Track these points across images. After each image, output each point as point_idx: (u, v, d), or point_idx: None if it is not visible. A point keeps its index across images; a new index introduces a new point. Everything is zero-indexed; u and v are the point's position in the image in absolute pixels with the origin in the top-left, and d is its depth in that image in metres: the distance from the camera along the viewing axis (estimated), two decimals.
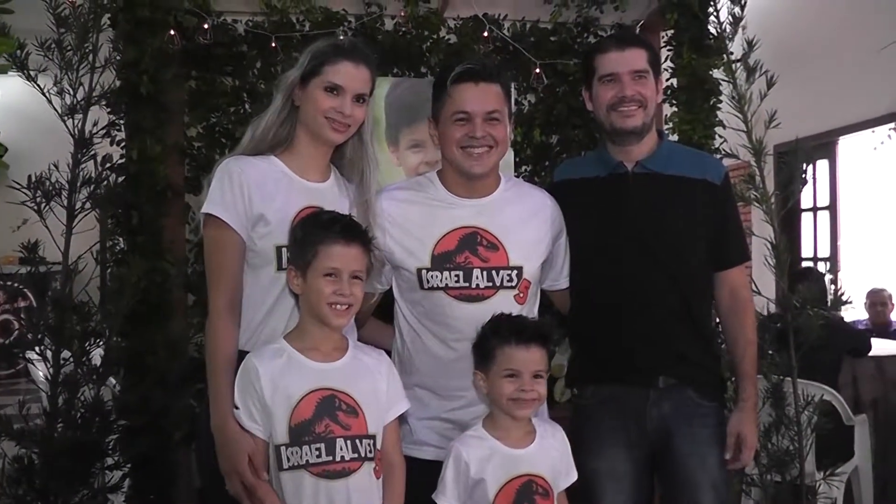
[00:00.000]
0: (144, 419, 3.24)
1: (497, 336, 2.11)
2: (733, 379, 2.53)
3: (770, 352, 3.18)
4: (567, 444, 2.23)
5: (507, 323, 2.14)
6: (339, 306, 2.00)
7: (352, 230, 2.04)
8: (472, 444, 2.11)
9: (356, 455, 1.98)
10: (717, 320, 2.62)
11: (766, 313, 3.17)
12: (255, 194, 2.12)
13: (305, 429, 1.96)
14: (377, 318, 2.48)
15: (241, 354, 2.08)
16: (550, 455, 2.16)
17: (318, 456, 1.95)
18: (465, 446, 2.10)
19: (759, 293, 2.93)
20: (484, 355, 2.13)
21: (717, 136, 3.91)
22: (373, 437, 2.02)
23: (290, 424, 1.96)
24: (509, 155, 3.57)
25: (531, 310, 2.35)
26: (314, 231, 2.02)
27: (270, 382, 1.97)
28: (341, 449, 1.97)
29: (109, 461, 3.05)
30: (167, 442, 3.36)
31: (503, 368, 2.09)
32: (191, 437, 3.30)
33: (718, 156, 3.52)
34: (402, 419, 2.17)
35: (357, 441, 1.99)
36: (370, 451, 2.01)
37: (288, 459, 1.96)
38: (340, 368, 2.03)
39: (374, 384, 2.07)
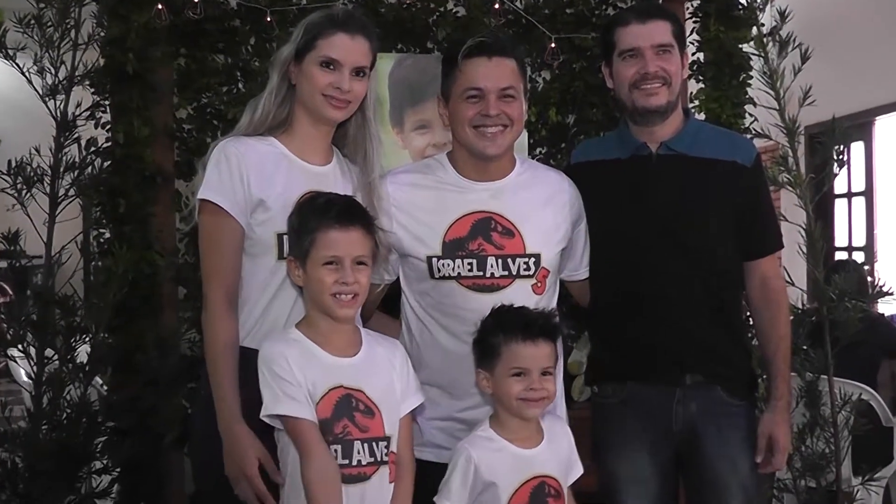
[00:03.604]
0: (133, 420, 3.26)
1: (501, 331, 2.10)
2: (765, 376, 2.53)
3: (804, 347, 3.19)
4: (571, 437, 2.24)
5: (510, 316, 2.13)
6: (343, 296, 1.99)
7: (350, 212, 2.03)
8: (481, 445, 2.11)
9: (373, 459, 1.99)
10: (748, 313, 2.62)
11: (800, 306, 3.17)
12: (255, 178, 2.12)
13: (324, 429, 1.95)
14: (382, 311, 2.48)
15: (242, 352, 2.09)
16: (560, 453, 2.18)
17: (335, 459, 1.95)
18: (475, 447, 2.10)
19: (793, 283, 2.93)
20: (487, 352, 2.12)
21: (747, 115, 3.90)
22: (388, 439, 2.03)
23: None
24: (523, 137, 3.56)
25: (550, 301, 2.34)
26: (309, 217, 2.01)
27: (301, 371, 1.96)
28: (358, 452, 1.97)
29: (97, 465, 3.07)
30: (158, 445, 3.37)
31: (509, 367, 2.08)
32: (183, 440, 3.31)
33: (749, 136, 3.51)
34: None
35: (374, 444, 1.99)
36: (385, 454, 2.02)
37: None
38: (356, 365, 2.04)
39: (389, 379, 2.08)
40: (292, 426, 1.95)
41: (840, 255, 6.92)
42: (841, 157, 3.23)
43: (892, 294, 3.37)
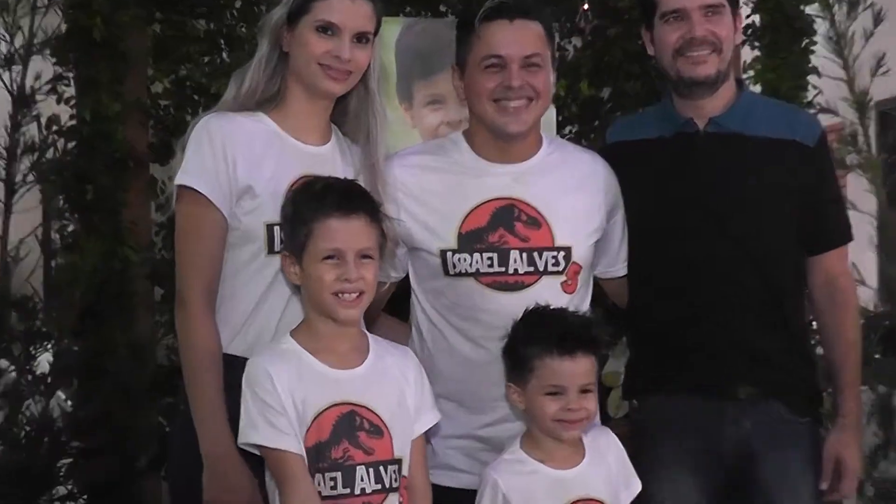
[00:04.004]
0: (103, 440, 3.27)
1: (534, 342, 2.10)
2: (830, 390, 2.53)
3: (876, 356, 3.19)
4: (620, 449, 2.24)
5: (545, 323, 2.13)
6: (346, 295, 1.98)
7: (352, 198, 2.03)
8: (509, 469, 2.11)
9: (379, 486, 1.98)
10: (811, 317, 2.62)
11: (871, 308, 3.18)
12: (241, 160, 2.13)
13: (320, 453, 1.95)
14: (389, 314, 2.49)
15: (225, 360, 2.10)
16: (606, 470, 2.17)
17: (334, 487, 1.95)
18: (502, 474, 2.10)
19: (863, 282, 2.93)
20: (518, 365, 2.13)
21: (809, 87, 3.89)
22: (398, 462, 2.02)
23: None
24: (550, 113, 3.55)
25: (582, 302, 2.35)
26: (306, 205, 2.01)
27: (289, 393, 1.95)
28: (362, 479, 1.97)
29: (60, 491, 3.09)
30: (131, 468, 3.39)
31: (544, 384, 2.08)
32: (160, 462, 3.33)
33: (812, 111, 3.51)
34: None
35: (381, 468, 1.99)
36: (395, 480, 2.01)
37: None
38: (361, 377, 2.03)
39: (400, 393, 2.08)
40: (272, 457, 1.95)
41: None
42: None
43: None
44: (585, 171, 2.41)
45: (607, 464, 2.18)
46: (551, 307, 2.18)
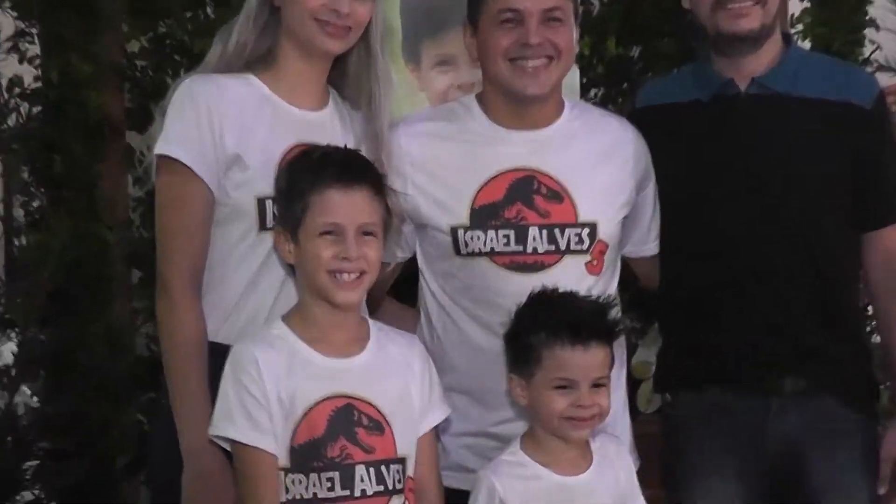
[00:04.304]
0: (75, 440, 3.28)
1: (541, 329, 2.09)
2: (889, 383, 2.54)
3: None
4: (630, 464, 2.24)
5: (554, 307, 2.13)
6: (345, 275, 1.99)
7: (353, 168, 2.05)
8: (507, 472, 2.11)
9: (381, 488, 2.00)
10: (867, 301, 2.62)
11: None
12: (229, 127, 2.14)
13: (314, 451, 1.96)
14: (394, 298, 2.51)
15: (213, 349, 2.11)
16: (614, 481, 2.17)
17: (331, 489, 1.96)
18: (500, 475, 2.10)
19: None
20: (522, 354, 2.12)
21: (866, 43, 3.88)
22: (402, 461, 2.04)
23: (292, 443, 1.97)
24: (574, 74, 3.55)
25: (608, 284, 2.36)
26: (302, 176, 2.02)
27: (274, 381, 1.97)
28: (362, 480, 1.98)
29: (27, 496, 3.10)
30: (106, 471, 3.40)
31: (552, 377, 2.07)
32: (139, 464, 3.34)
33: (869, 69, 3.49)
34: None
35: (383, 468, 2.00)
36: (399, 481, 2.02)
37: (287, 491, 1.97)
38: (361, 367, 2.05)
39: (404, 385, 2.09)
40: (243, 453, 1.97)
41: None
42: None
43: None
44: (613, 138, 2.41)
45: (615, 476, 2.18)
46: (560, 290, 2.17)
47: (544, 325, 2.09)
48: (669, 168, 2.45)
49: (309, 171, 2.03)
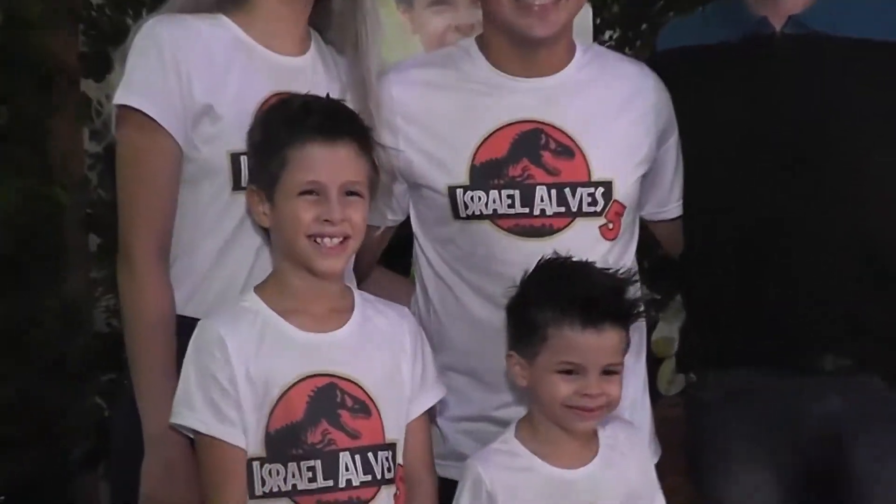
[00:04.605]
0: (25, 427, 3.28)
1: (548, 305, 2.09)
2: None
3: None
4: (646, 452, 2.25)
5: (564, 282, 2.12)
6: (326, 240, 2.00)
7: (337, 120, 2.05)
8: (497, 462, 2.11)
9: (369, 477, 2.01)
10: None
11: None
12: (198, 75, 2.13)
13: (293, 437, 1.97)
14: (385, 267, 2.51)
15: (181, 323, 2.12)
16: (623, 475, 2.17)
17: (313, 479, 1.97)
18: (488, 465, 2.10)
19: None
20: (525, 331, 2.12)
21: None
22: (392, 447, 2.05)
23: (267, 429, 1.98)
24: (586, 14, 3.54)
25: (625, 251, 2.36)
26: (279, 128, 2.03)
27: (243, 361, 1.98)
28: (347, 469, 1.99)
29: None
30: (61, 462, 3.40)
31: (558, 360, 2.07)
32: (98, 455, 3.35)
33: None
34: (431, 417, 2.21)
35: (370, 455, 2.01)
36: (389, 469, 2.04)
37: (264, 483, 1.98)
38: (344, 341, 2.06)
39: (393, 362, 2.09)
40: (206, 445, 1.98)
41: None
42: None
43: None
44: (630, 86, 2.41)
45: (626, 468, 2.18)
46: (573, 259, 2.17)
47: (552, 300, 2.08)
48: (695, 119, 2.45)
49: (287, 122, 2.03)
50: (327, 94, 2.14)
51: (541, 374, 2.09)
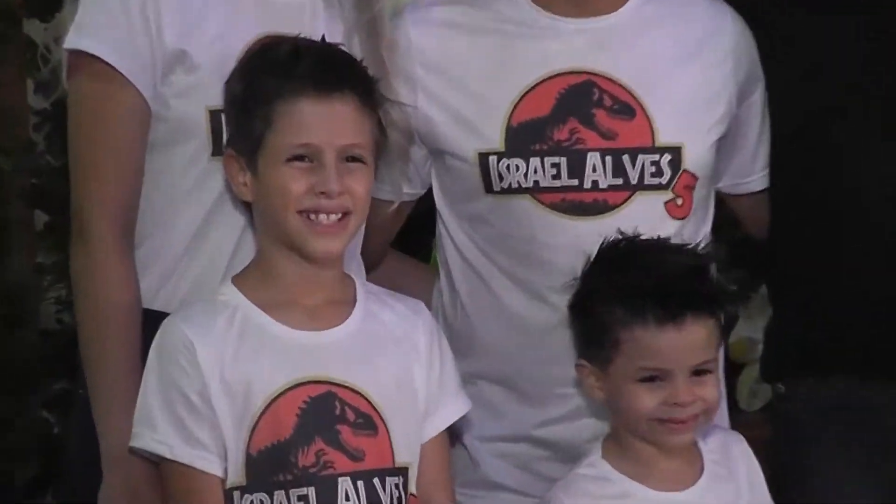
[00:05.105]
0: None
1: (616, 301, 2.09)
2: None
3: None
4: (754, 463, 2.24)
5: (633, 269, 2.12)
6: (322, 216, 2.00)
7: (334, 67, 2.05)
8: (587, 490, 2.12)
9: None
10: None
11: None
12: (170, 14, 2.12)
13: (280, 458, 1.98)
14: (401, 251, 2.53)
15: (148, 318, 2.11)
16: (735, 492, 2.18)
17: None
18: (574, 497, 2.11)
19: None
20: (595, 334, 2.13)
21: None
22: (403, 472, 2.06)
23: (248, 450, 1.98)
24: None
25: (697, 231, 2.36)
26: (263, 78, 2.03)
27: (217, 368, 1.97)
28: (347, 498, 2.00)
29: None
30: (2, 488, 3.43)
31: (636, 366, 2.08)
32: (46, 480, 3.36)
33: None
34: (453, 436, 2.20)
35: (376, 482, 2.02)
36: (399, 500, 2.04)
37: None
38: (343, 341, 2.06)
39: (405, 368, 2.09)
40: (168, 471, 1.99)
41: None
42: None
43: None
44: (703, 27, 2.40)
45: (737, 486, 2.19)
46: (643, 238, 2.16)
47: (618, 294, 2.08)
48: (786, 69, 2.44)
49: (273, 71, 2.02)
50: (322, 37, 2.13)
51: (619, 385, 2.10)
